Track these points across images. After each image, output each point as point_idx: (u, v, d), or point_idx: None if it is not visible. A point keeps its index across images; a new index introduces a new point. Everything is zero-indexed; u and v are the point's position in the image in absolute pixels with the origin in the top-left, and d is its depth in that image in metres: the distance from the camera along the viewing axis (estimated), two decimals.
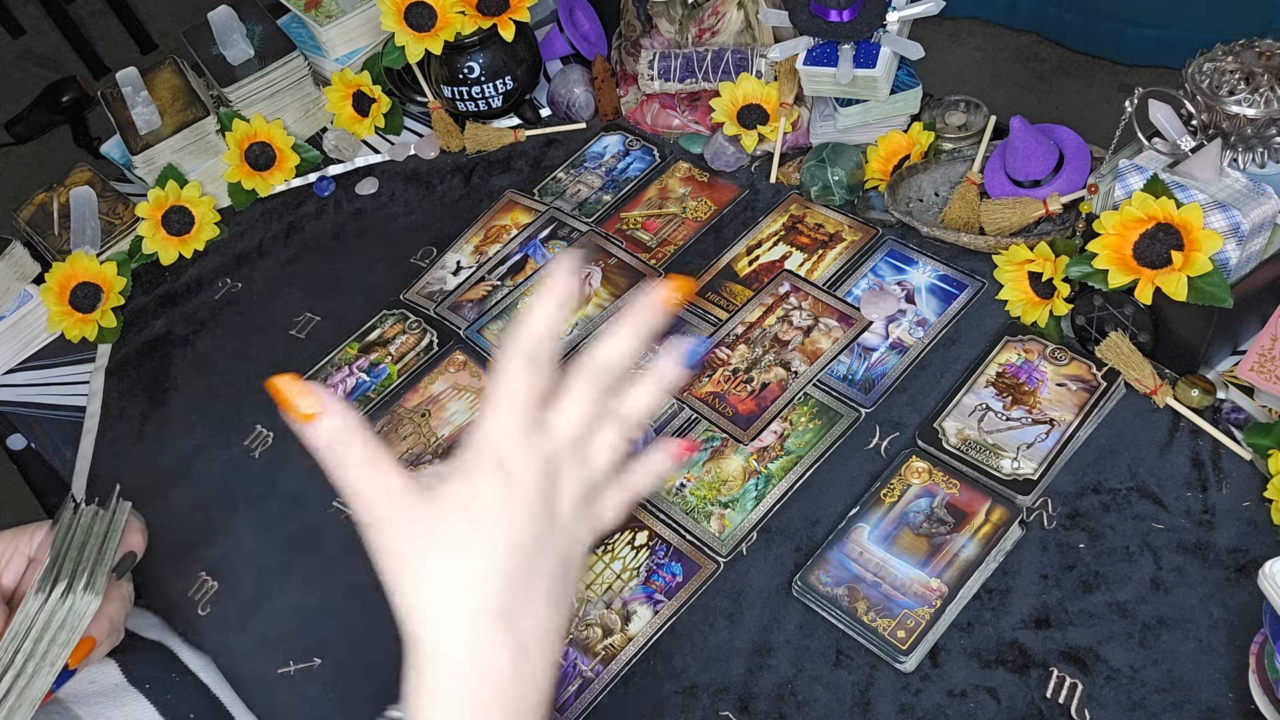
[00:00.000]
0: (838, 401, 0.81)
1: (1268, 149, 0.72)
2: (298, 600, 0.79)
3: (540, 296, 0.48)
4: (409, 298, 0.97)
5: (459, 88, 1.06)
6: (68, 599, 0.65)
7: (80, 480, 0.91)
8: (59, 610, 0.65)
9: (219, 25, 1.11)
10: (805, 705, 0.67)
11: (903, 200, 0.90)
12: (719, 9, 0.99)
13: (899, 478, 0.75)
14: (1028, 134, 0.83)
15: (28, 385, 1.01)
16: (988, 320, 0.83)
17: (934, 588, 0.69)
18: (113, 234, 1.05)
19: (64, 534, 0.69)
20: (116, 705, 0.71)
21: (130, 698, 0.72)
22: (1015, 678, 0.66)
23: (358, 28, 1.14)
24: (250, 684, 0.75)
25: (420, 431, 0.86)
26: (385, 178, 1.09)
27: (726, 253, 0.92)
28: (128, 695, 0.72)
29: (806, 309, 0.86)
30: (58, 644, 0.65)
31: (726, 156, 0.98)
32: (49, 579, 0.65)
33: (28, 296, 1.03)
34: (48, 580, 0.65)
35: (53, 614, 0.65)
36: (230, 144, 1.07)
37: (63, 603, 0.65)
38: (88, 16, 3.00)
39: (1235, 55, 0.73)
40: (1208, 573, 0.68)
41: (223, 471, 0.88)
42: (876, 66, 0.87)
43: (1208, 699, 0.63)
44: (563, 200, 1.01)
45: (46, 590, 0.64)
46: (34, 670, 0.64)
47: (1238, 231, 0.70)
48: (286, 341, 0.97)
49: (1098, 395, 0.76)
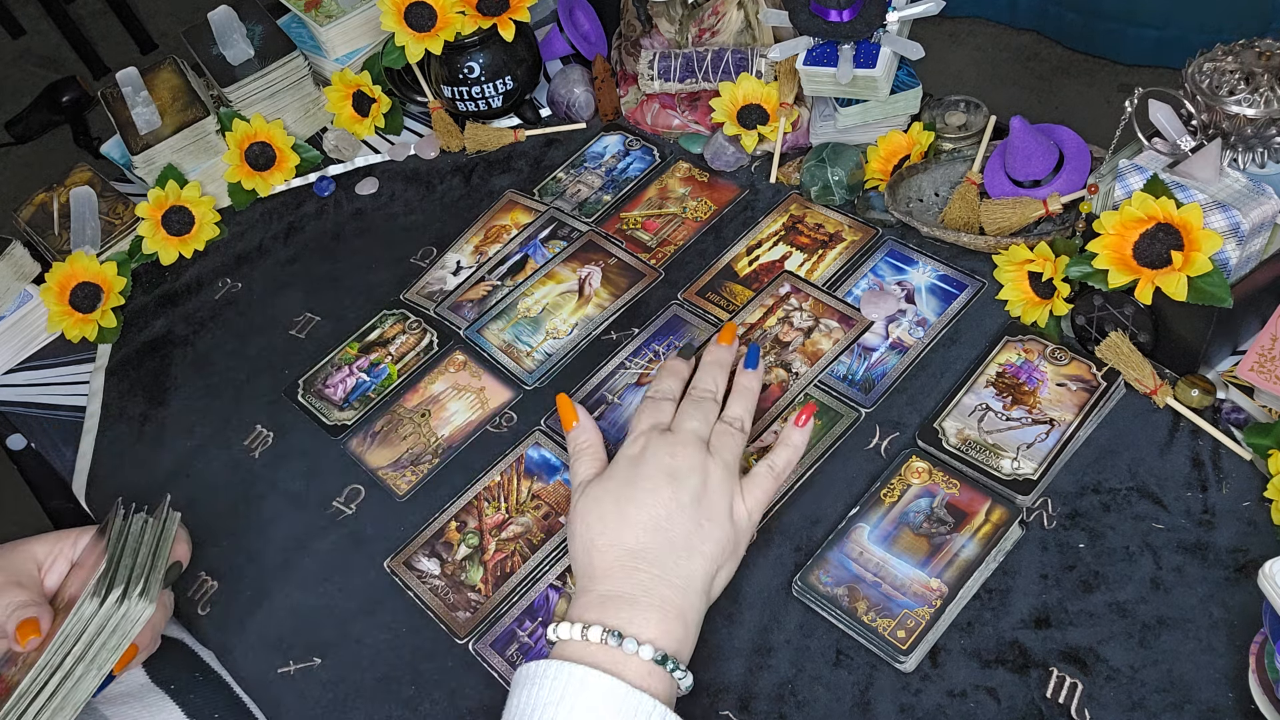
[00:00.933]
0: (838, 401, 0.81)
1: (1268, 149, 0.72)
2: (298, 600, 0.79)
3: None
4: (409, 298, 0.97)
5: (459, 88, 1.06)
6: (123, 605, 0.65)
7: (80, 480, 0.91)
8: (114, 615, 0.65)
9: (219, 25, 1.12)
10: (805, 705, 0.67)
11: (903, 200, 0.90)
12: (719, 9, 0.99)
13: (899, 478, 0.75)
14: (1028, 134, 0.83)
15: (28, 385, 1.01)
16: (988, 320, 0.83)
17: (934, 588, 0.69)
18: (113, 234, 1.05)
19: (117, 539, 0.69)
20: (143, 707, 0.71)
21: (156, 698, 0.72)
22: (1015, 678, 0.66)
23: (358, 28, 1.14)
24: (250, 684, 0.75)
25: (420, 431, 0.86)
26: (385, 178, 1.09)
27: (726, 253, 0.92)
28: (153, 696, 0.72)
29: (807, 310, 0.86)
30: (108, 648, 0.65)
31: (726, 156, 0.98)
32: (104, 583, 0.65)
33: (28, 296, 1.03)
34: (103, 584, 0.65)
35: (107, 618, 0.65)
36: (230, 144, 1.07)
37: (117, 608, 0.65)
38: (88, 16, 3.00)
39: (1235, 55, 0.73)
40: (1208, 573, 0.68)
41: (223, 471, 0.88)
42: (876, 66, 0.87)
43: (1208, 699, 0.63)
44: (563, 200, 1.01)
45: (102, 594, 0.65)
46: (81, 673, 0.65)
47: (1238, 231, 0.70)
48: (286, 341, 0.97)
49: (1098, 395, 0.76)
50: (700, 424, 0.72)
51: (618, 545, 0.66)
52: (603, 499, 0.68)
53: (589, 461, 0.73)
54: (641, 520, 0.66)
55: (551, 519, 0.79)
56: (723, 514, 0.68)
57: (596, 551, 0.67)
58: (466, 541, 0.79)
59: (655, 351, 0.87)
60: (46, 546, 0.72)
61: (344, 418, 0.89)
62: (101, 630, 0.65)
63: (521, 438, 0.84)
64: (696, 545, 0.66)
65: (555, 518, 0.78)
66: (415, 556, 0.79)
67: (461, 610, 0.75)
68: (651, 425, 0.72)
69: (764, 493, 0.71)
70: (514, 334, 0.91)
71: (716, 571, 0.67)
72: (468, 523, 0.80)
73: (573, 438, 0.75)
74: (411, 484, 0.83)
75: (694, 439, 0.70)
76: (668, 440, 0.70)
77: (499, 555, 0.78)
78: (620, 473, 0.69)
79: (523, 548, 0.78)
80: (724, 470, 0.69)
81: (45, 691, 0.63)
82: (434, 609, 0.76)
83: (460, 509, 0.81)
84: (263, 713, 0.74)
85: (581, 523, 0.68)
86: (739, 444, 0.72)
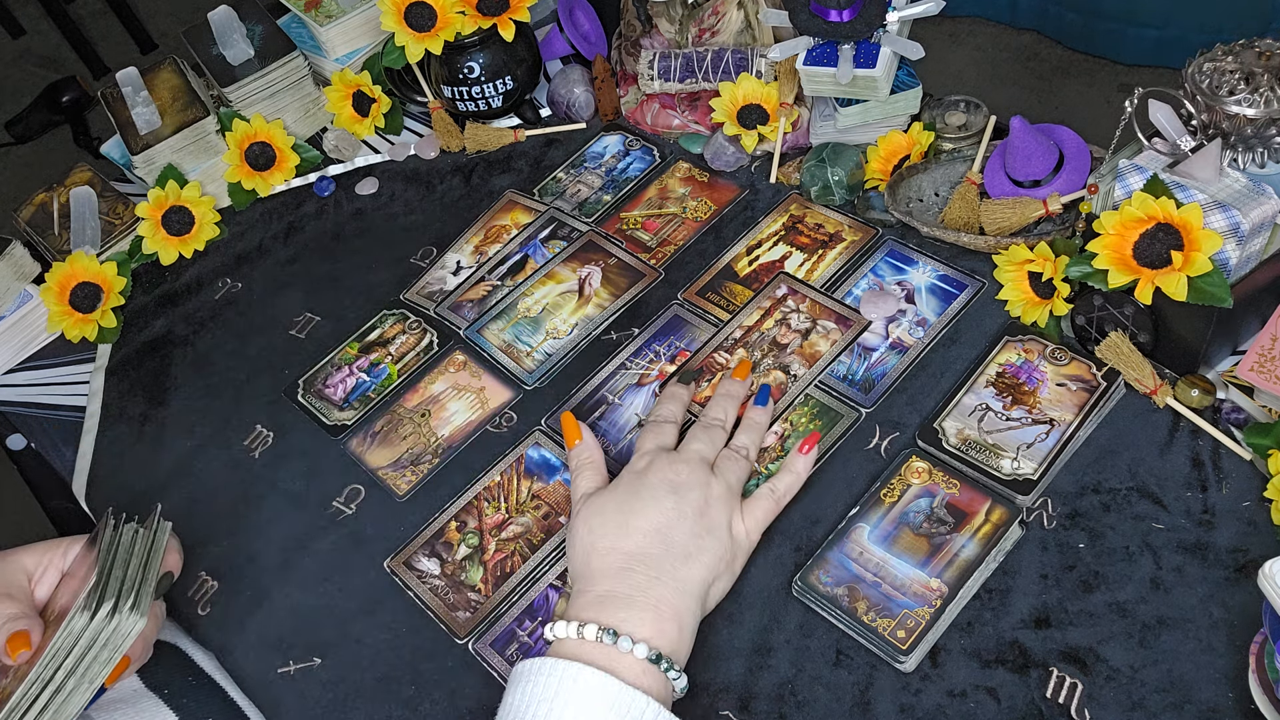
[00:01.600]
0: (838, 401, 0.81)
1: (1268, 149, 0.72)
2: (298, 600, 0.79)
3: None
4: (409, 298, 0.97)
5: (459, 88, 1.06)
6: (114, 619, 0.64)
7: (80, 480, 0.91)
8: (104, 629, 0.64)
9: (219, 25, 1.12)
10: (805, 705, 0.67)
11: (903, 200, 0.90)
12: (719, 9, 0.99)
13: (899, 478, 0.75)
14: (1028, 134, 0.83)
15: (28, 385, 1.01)
16: (988, 320, 0.83)
17: (934, 588, 0.69)
18: (113, 234, 1.05)
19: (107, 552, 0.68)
20: (137, 712, 0.71)
21: (149, 704, 0.72)
22: (1015, 678, 0.66)
23: (358, 28, 1.14)
24: (250, 684, 0.75)
25: (420, 431, 0.86)
26: (385, 178, 1.09)
27: (726, 253, 0.92)
28: (147, 701, 0.72)
29: (804, 311, 0.86)
30: (99, 662, 0.65)
31: (726, 156, 0.98)
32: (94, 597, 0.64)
33: (28, 296, 1.03)
34: (94, 598, 0.64)
35: (98, 633, 0.64)
36: (230, 144, 1.07)
37: (108, 622, 0.64)
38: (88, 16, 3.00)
39: (1235, 55, 0.73)
40: (1208, 573, 0.68)
41: (223, 471, 0.88)
42: (876, 66, 0.87)
43: (1208, 699, 0.63)
44: (563, 200, 1.01)
45: (93, 608, 0.64)
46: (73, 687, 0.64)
47: (1238, 231, 0.70)
48: (286, 341, 0.97)
49: (1098, 395, 0.76)
50: (707, 447, 0.74)
51: (617, 549, 0.67)
52: (605, 507, 0.70)
53: (591, 475, 0.74)
54: (643, 527, 0.68)
55: (551, 519, 0.79)
56: (722, 528, 0.69)
57: (596, 555, 0.67)
58: (466, 541, 0.79)
59: (655, 351, 0.87)
60: (36, 557, 0.72)
61: (344, 418, 0.89)
62: (92, 645, 0.64)
63: (521, 438, 0.84)
64: (695, 553, 0.67)
65: (555, 518, 0.78)
66: (415, 556, 0.79)
67: (461, 610, 0.75)
68: (657, 445, 0.74)
69: (764, 514, 0.73)
70: (514, 334, 0.91)
71: (713, 581, 0.68)
72: (468, 523, 0.80)
73: (575, 454, 0.76)
74: (411, 484, 0.83)
75: (699, 459, 0.72)
76: (673, 457, 0.72)
77: (499, 555, 0.78)
78: (625, 484, 0.71)
79: (523, 548, 0.78)
80: (726, 489, 0.71)
81: (36, 706, 0.63)
82: (434, 609, 0.76)
83: (460, 509, 0.81)
84: (263, 713, 0.74)
85: (584, 527, 0.69)
86: (744, 470, 0.74)
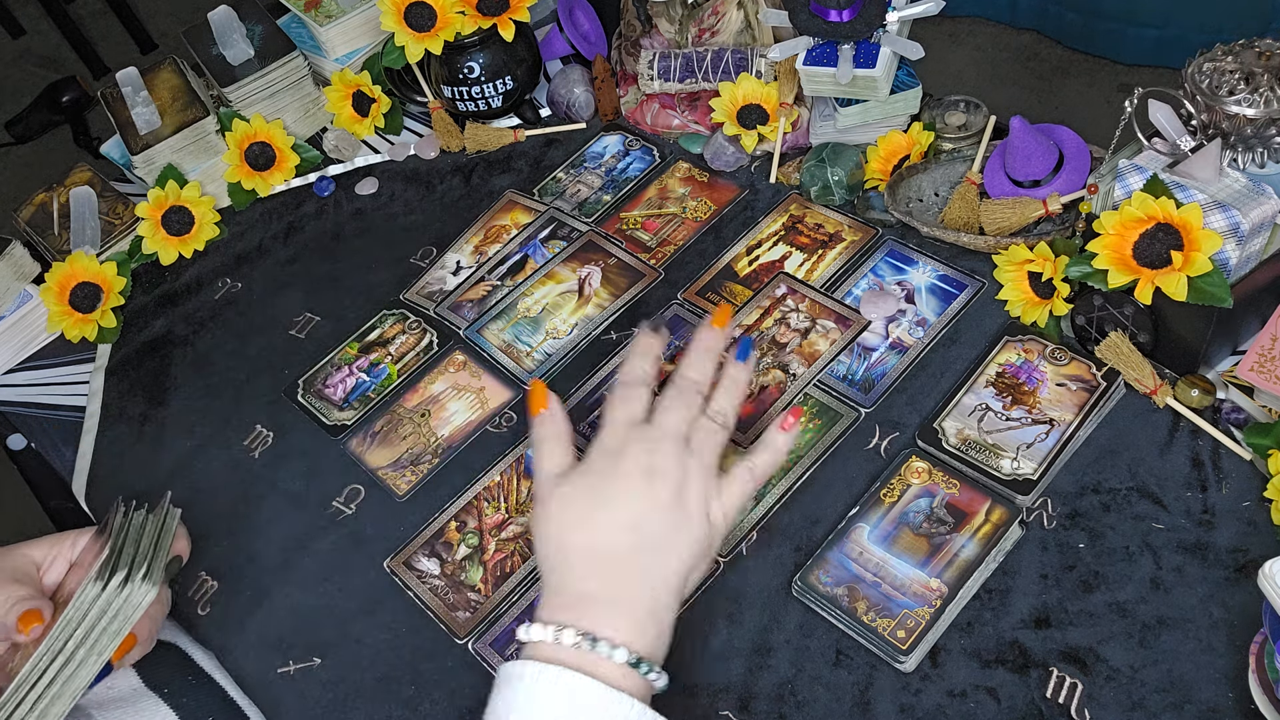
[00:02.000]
0: (837, 401, 0.81)
1: (1268, 149, 0.72)
2: (298, 600, 0.79)
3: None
4: (409, 298, 0.97)
5: (459, 88, 1.06)
6: (125, 588, 0.65)
7: (80, 480, 0.91)
8: (116, 599, 0.65)
9: (219, 25, 1.12)
10: (805, 705, 0.67)
11: (903, 200, 0.90)
12: (719, 9, 0.99)
13: (899, 478, 0.75)
14: (1028, 134, 0.83)
15: (28, 385, 1.01)
16: (988, 320, 0.83)
17: (934, 588, 0.69)
18: (113, 234, 1.05)
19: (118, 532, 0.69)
20: (136, 711, 0.71)
21: (149, 702, 0.72)
22: (1015, 678, 0.66)
23: (358, 28, 1.14)
24: (250, 684, 0.75)
25: (420, 431, 0.86)
26: (385, 178, 1.09)
27: (726, 253, 0.92)
28: (146, 700, 0.72)
29: (803, 311, 0.86)
30: (109, 633, 0.65)
31: (726, 156, 0.98)
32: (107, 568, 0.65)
33: (28, 296, 1.03)
34: (106, 569, 0.65)
35: (109, 602, 0.65)
36: (230, 144, 1.07)
37: (120, 591, 0.65)
38: (88, 16, 3.00)
39: (1235, 55, 0.73)
40: (1208, 573, 0.68)
41: (223, 471, 0.88)
42: (876, 66, 0.87)
43: (1208, 699, 0.63)
44: (563, 200, 1.01)
45: (105, 578, 0.65)
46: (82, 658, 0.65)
47: (1238, 231, 0.70)
48: (286, 341, 0.97)
49: (1098, 395, 0.76)
50: (681, 418, 0.67)
51: (590, 544, 0.63)
52: (576, 498, 0.65)
53: (556, 451, 0.67)
54: (617, 520, 0.63)
55: None
56: (699, 514, 0.64)
57: (569, 550, 0.63)
58: (466, 541, 0.79)
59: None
60: (44, 549, 0.72)
61: (344, 418, 0.89)
62: (104, 614, 0.65)
63: (521, 438, 0.84)
64: (672, 546, 0.63)
65: None
66: (415, 556, 0.79)
67: (461, 610, 0.75)
68: (627, 418, 0.67)
69: (741, 495, 0.67)
70: (514, 334, 0.91)
71: (690, 572, 0.64)
72: (467, 523, 0.80)
73: (539, 424, 0.68)
74: (411, 484, 0.83)
75: (674, 435, 0.66)
76: (646, 436, 0.66)
77: (499, 555, 0.78)
78: (595, 468, 0.65)
79: (522, 548, 0.78)
80: (703, 470, 0.66)
81: (46, 677, 0.63)
82: (434, 609, 0.76)
83: (460, 509, 0.81)
84: (263, 713, 0.74)
85: (554, 522, 0.64)
86: (720, 441, 0.68)
